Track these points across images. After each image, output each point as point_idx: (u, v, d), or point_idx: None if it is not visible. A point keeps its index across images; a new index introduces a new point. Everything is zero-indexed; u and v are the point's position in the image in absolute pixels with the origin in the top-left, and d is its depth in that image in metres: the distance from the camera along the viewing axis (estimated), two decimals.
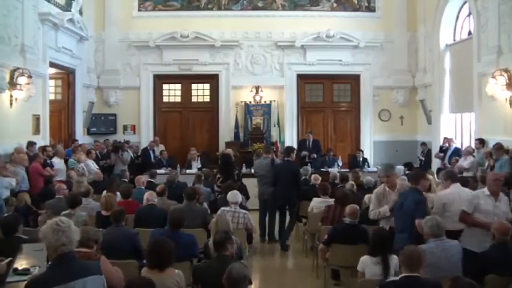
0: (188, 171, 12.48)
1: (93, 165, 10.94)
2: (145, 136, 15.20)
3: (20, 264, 4.47)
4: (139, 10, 15.33)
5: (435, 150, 13.43)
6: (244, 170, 12.31)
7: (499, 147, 9.53)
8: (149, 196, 7.21)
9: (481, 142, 10.55)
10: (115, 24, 15.12)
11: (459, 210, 5.83)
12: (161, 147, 13.99)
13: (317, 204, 8.09)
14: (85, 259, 3.81)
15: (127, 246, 5.42)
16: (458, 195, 6.07)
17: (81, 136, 13.65)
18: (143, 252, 5.08)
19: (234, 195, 7.40)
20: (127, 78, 15.26)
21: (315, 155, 13.23)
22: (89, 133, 14.62)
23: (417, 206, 5.63)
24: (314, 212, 8.04)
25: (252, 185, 9.97)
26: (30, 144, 9.84)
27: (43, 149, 10.08)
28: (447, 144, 12.62)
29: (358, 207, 6.39)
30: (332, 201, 7.65)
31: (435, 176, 10.95)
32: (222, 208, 7.30)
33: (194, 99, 15.89)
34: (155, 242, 4.55)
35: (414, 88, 15.44)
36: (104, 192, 7.90)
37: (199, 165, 12.79)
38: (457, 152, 11.85)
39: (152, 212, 6.95)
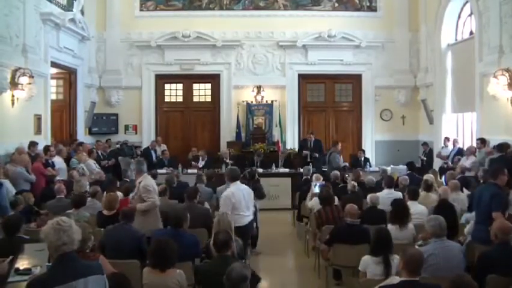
0: (190, 171, 12.49)
1: (94, 165, 10.95)
2: (147, 136, 15.21)
3: (22, 264, 4.47)
4: (141, 10, 15.34)
5: (436, 149, 13.43)
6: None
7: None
8: None
9: (483, 142, 10.53)
10: (116, 24, 15.13)
11: (244, 207, 6.40)
12: (163, 147, 14.01)
13: (317, 204, 8.07)
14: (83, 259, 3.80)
15: (132, 247, 5.42)
16: (241, 193, 6.53)
17: (82, 136, 13.66)
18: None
19: None
20: (128, 78, 15.28)
21: (316, 155, 13.24)
22: (90, 133, 14.63)
23: (493, 199, 5.78)
24: (314, 212, 8.02)
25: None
26: (32, 144, 9.84)
27: (47, 149, 10.09)
28: (450, 146, 12.63)
29: (357, 207, 6.38)
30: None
31: (438, 176, 10.97)
32: None
33: (195, 99, 15.89)
34: (158, 241, 4.54)
35: (416, 88, 15.44)
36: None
37: (203, 165, 12.80)
38: (460, 152, 11.85)
39: None
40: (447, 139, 13.01)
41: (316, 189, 8.78)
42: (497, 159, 9.17)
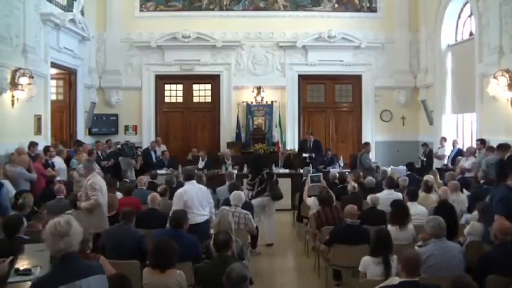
0: None
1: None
2: (147, 136, 15.21)
3: (22, 264, 4.47)
4: (141, 10, 15.35)
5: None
6: (245, 170, 12.30)
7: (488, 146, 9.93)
8: (149, 202, 7.22)
9: (482, 143, 10.53)
10: (116, 25, 15.13)
11: (198, 205, 6.62)
12: (163, 147, 13.99)
13: (316, 205, 8.05)
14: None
15: (132, 247, 5.43)
16: (195, 191, 6.75)
17: (82, 136, 13.66)
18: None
19: (238, 196, 7.41)
20: (128, 78, 15.28)
21: (313, 155, 13.22)
22: (90, 133, 14.63)
23: (499, 201, 5.93)
24: (314, 212, 8.01)
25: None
26: (32, 144, 9.84)
27: (47, 149, 10.09)
28: (447, 146, 12.66)
29: (356, 208, 6.38)
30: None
31: (438, 177, 10.97)
32: (223, 207, 7.34)
33: (195, 99, 15.89)
34: (159, 241, 4.54)
35: (416, 88, 15.44)
36: None
37: (203, 165, 12.79)
38: (460, 153, 11.85)
39: (153, 215, 6.93)
40: (444, 139, 13.09)
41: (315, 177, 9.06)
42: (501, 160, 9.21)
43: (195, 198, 6.71)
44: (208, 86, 15.79)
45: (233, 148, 14.03)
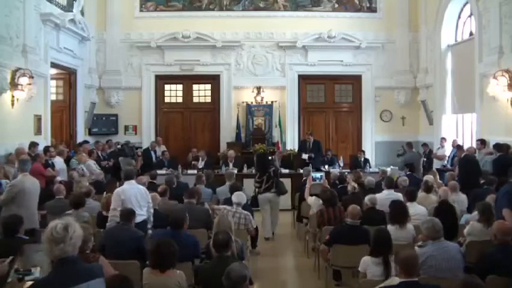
0: (189, 171, 12.48)
1: (94, 166, 10.93)
2: (147, 137, 15.20)
3: (22, 264, 4.47)
4: (141, 10, 15.35)
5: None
6: (245, 170, 12.32)
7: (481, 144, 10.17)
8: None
9: (482, 143, 10.53)
10: (116, 25, 15.13)
11: (136, 205, 6.53)
12: (163, 147, 13.99)
13: (317, 205, 8.05)
14: (83, 260, 3.78)
15: (132, 247, 5.42)
16: (133, 191, 6.76)
17: (82, 136, 13.66)
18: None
19: (238, 196, 7.41)
20: (128, 78, 15.28)
21: (312, 155, 13.20)
22: (90, 133, 14.62)
23: (504, 196, 5.98)
24: (314, 211, 8.01)
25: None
26: (33, 145, 9.83)
27: (46, 149, 10.09)
28: (447, 146, 12.67)
29: (359, 208, 6.38)
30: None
31: (438, 177, 10.96)
32: (224, 207, 7.34)
33: (195, 99, 15.89)
34: (159, 242, 4.53)
35: (416, 89, 15.44)
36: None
37: (203, 166, 12.79)
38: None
39: (153, 216, 6.92)
40: (443, 139, 13.12)
41: (317, 175, 9.32)
42: (498, 158, 9.20)
43: (132, 198, 6.69)
44: (208, 86, 15.79)
45: (233, 148, 14.02)
